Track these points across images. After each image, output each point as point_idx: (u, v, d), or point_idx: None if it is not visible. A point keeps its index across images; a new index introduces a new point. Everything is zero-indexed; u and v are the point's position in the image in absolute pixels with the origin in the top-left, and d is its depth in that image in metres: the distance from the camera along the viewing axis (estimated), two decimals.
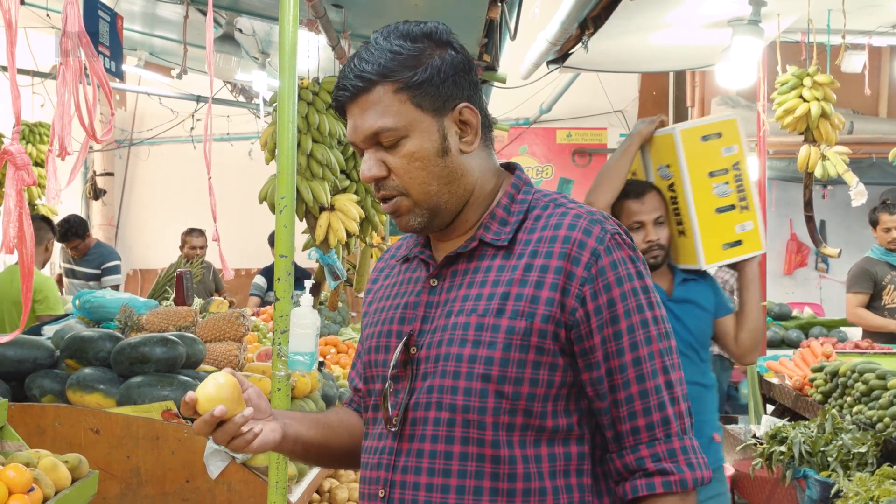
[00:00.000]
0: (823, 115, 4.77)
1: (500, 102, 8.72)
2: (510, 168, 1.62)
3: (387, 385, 1.51)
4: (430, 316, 1.52)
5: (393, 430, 1.49)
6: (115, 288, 6.58)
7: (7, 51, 1.53)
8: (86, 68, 1.70)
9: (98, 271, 6.67)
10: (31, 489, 2.00)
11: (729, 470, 5.07)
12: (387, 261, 1.72)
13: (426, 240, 1.60)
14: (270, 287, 7.73)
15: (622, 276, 1.46)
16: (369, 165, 1.49)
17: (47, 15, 5.42)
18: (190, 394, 1.42)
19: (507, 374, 1.43)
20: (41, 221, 5.57)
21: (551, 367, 1.45)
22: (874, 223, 5.98)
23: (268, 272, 7.85)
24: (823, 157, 4.84)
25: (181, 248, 7.84)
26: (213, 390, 1.42)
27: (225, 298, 4.68)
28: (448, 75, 1.47)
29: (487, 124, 1.54)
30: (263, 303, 7.60)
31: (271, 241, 7.66)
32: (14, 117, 1.57)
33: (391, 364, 1.51)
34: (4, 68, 6.08)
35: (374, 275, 1.73)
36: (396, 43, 1.47)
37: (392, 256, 1.71)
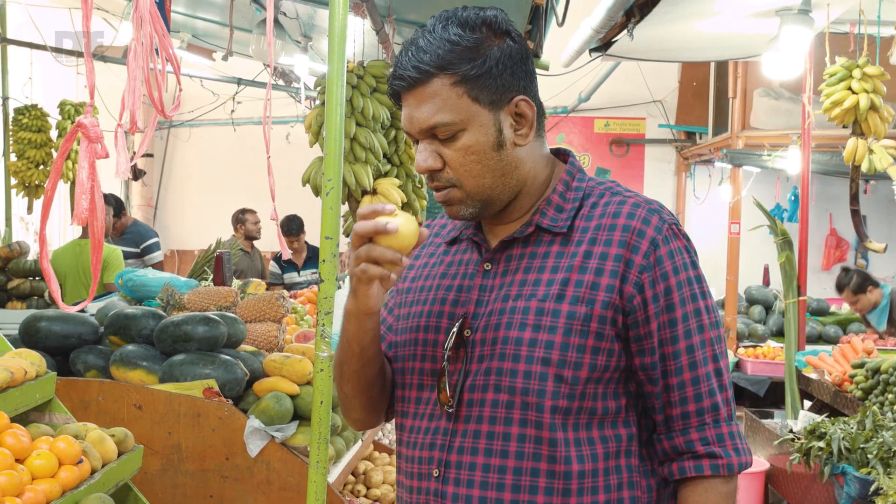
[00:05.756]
0: (872, 107, 4.68)
1: (540, 90, 8.64)
2: (560, 154, 1.63)
3: (443, 366, 1.52)
4: (485, 299, 1.52)
5: (449, 410, 1.50)
6: (159, 266, 6.69)
7: (83, 24, 1.55)
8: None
9: (137, 250, 6.76)
10: (80, 461, 2.04)
11: (763, 465, 5.03)
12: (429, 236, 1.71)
13: (477, 222, 1.60)
14: (285, 270, 7.87)
15: (678, 266, 1.49)
16: (424, 157, 1.49)
17: None
18: (393, 225, 1.40)
19: (567, 359, 1.45)
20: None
21: (608, 352, 1.47)
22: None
23: (278, 258, 7.98)
24: (870, 151, 4.76)
25: (240, 227, 7.97)
26: (410, 231, 1.42)
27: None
28: (506, 67, 1.47)
29: (542, 113, 1.55)
30: (286, 287, 7.62)
31: (284, 228, 7.65)
32: (88, 91, 1.60)
33: (446, 345, 1.52)
34: (36, 46, 6.13)
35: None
36: (455, 32, 1.45)
37: (436, 234, 1.69)
